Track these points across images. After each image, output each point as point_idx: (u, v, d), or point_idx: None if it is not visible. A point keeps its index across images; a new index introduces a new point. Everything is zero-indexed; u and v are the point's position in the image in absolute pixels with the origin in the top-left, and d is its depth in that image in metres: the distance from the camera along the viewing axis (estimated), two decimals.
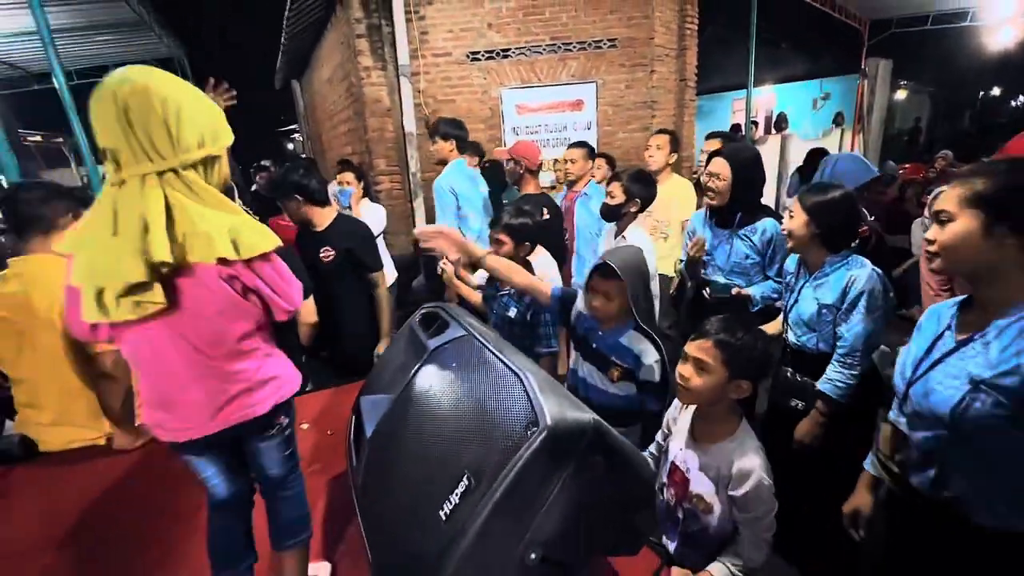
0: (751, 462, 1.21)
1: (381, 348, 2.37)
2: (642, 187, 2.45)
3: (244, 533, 0.98)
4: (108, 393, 1.55)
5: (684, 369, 1.29)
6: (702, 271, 2.23)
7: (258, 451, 0.95)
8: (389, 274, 3.04)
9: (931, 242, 1.07)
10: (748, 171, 2.08)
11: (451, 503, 0.78)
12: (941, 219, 1.04)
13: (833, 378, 1.63)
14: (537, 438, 0.75)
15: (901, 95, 15.09)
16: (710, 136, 3.27)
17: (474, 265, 2.09)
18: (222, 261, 0.79)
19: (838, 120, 9.35)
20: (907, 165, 8.14)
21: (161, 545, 1.25)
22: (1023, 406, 0.93)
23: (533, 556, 0.77)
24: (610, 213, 2.54)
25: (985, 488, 1.02)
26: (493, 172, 3.79)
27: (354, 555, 1.17)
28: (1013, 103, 22.71)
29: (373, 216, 3.15)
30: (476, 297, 2.33)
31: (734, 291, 2.09)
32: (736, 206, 2.10)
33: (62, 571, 1.19)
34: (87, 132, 3.21)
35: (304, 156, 10.76)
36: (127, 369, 1.56)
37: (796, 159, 7.15)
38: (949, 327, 1.11)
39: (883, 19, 9.24)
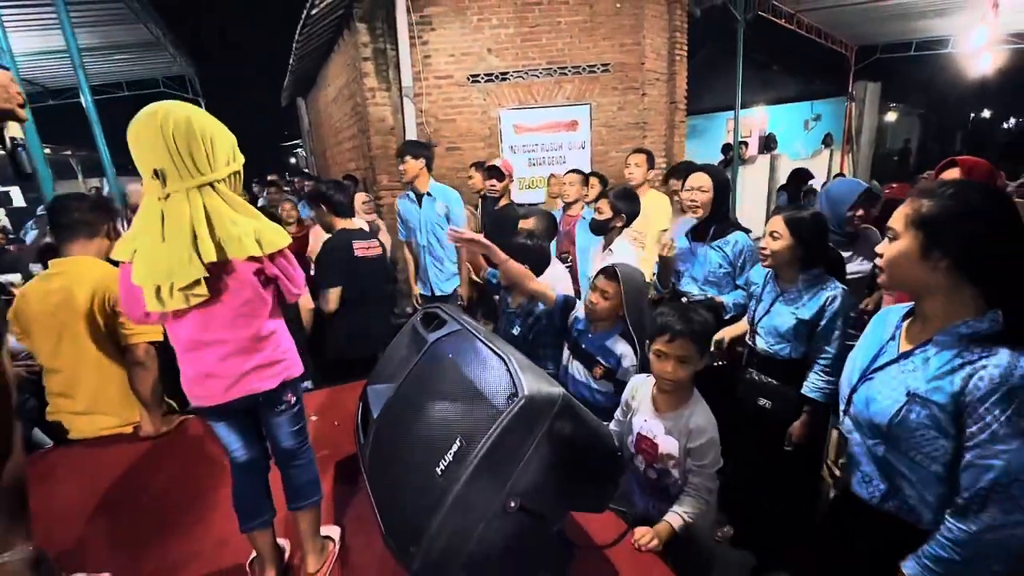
0: (704, 421, 1.47)
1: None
2: (627, 203, 2.66)
3: (262, 491, 1.14)
4: (139, 381, 1.71)
5: (668, 365, 1.47)
6: (675, 281, 2.42)
7: (272, 425, 1.11)
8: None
9: (880, 256, 1.10)
10: (724, 186, 2.33)
11: (446, 461, 0.95)
12: (889, 236, 1.07)
13: (822, 387, 1.79)
14: (516, 405, 0.92)
15: (891, 117, 15.48)
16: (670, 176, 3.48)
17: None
18: (251, 257, 0.97)
19: (827, 141, 9.66)
20: (893, 185, 8.41)
21: (185, 518, 1.40)
22: (948, 413, 0.98)
23: (513, 504, 0.93)
24: (599, 228, 2.75)
25: (928, 495, 1.05)
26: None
27: (361, 521, 1.33)
28: (1004, 124, 23.22)
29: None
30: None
31: (712, 299, 2.28)
32: (711, 220, 2.30)
33: (100, 538, 1.35)
34: (110, 146, 3.42)
35: (307, 171, 11.02)
36: (156, 358, 1.72)
37: (784, 177, 7.43)
38: (894, 336, 1.14)
39: (869, 45, 9.61)
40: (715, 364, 2.05)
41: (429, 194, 3.22)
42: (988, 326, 0.98)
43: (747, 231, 2.33)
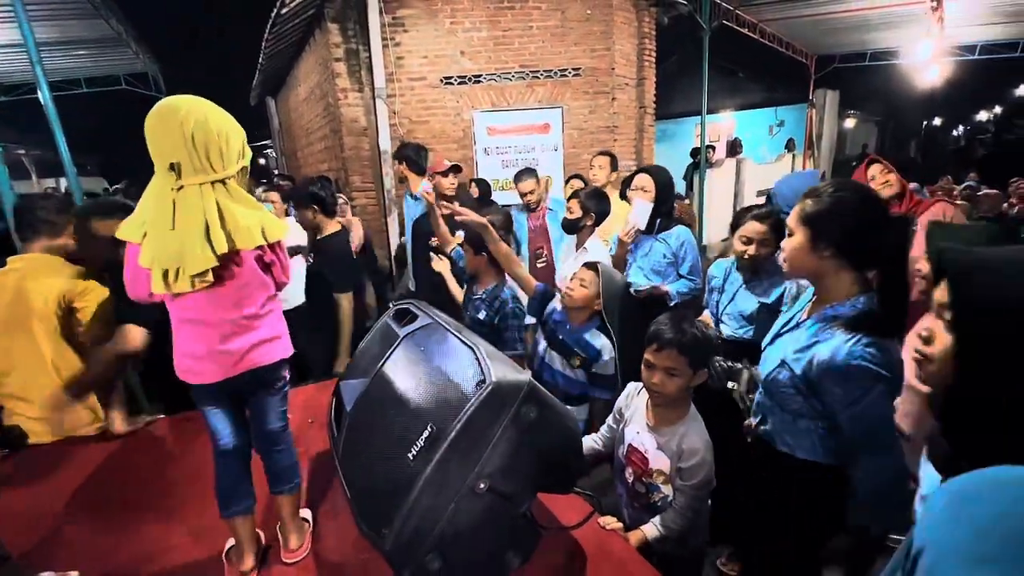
0: (698, 441, 1.43)
1: (338, 364, 2.48)
2: (596, 203, 2.77)
3: (244, 478, 1.16)
4: (105, 376, 1.69)
5: (656, 377, 1.43)
6: (626, 271, 2.59)
7: (263, 406, 1.15)
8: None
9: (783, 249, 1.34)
10: (666, 185, 2.53)
11: (417, 447, 0.99)
12: (787, 232, 1.27)
13: None
14: (484, 391, 0.97)
15: (850, 123, 16.12)
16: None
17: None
18: (257, 246, 1.04)
19: (790, 146, 10.04)
20: None
21: (157, 513, 1.39)
22: (803, 380, 1.24)
23: (482, 486, 0.98)
24: (570, 227, 2.86)
25: (794, 434, 1.33)
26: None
27: (334, 512, 1.36)
28: (954, 132, 24.55)
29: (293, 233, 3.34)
30: (459, 293, 2.60)
31: (658, 288, 2.43)
32: (656, 215, 2.48)
33: (69, 537, 1.33)
34: (70, 144, 3.33)
35: (277, 172, 10.83)
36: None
37: (750, 180, 7.71)
38: (801, 308, 1.37)
39: (827, 55, 10.05)
40: None
41: (416, 197, 3.29)
42: (848, 310, 1.19)
43: (688, 226, 2.58)
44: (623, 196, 3.41)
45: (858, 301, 1.19)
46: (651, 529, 1.41)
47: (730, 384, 2.04)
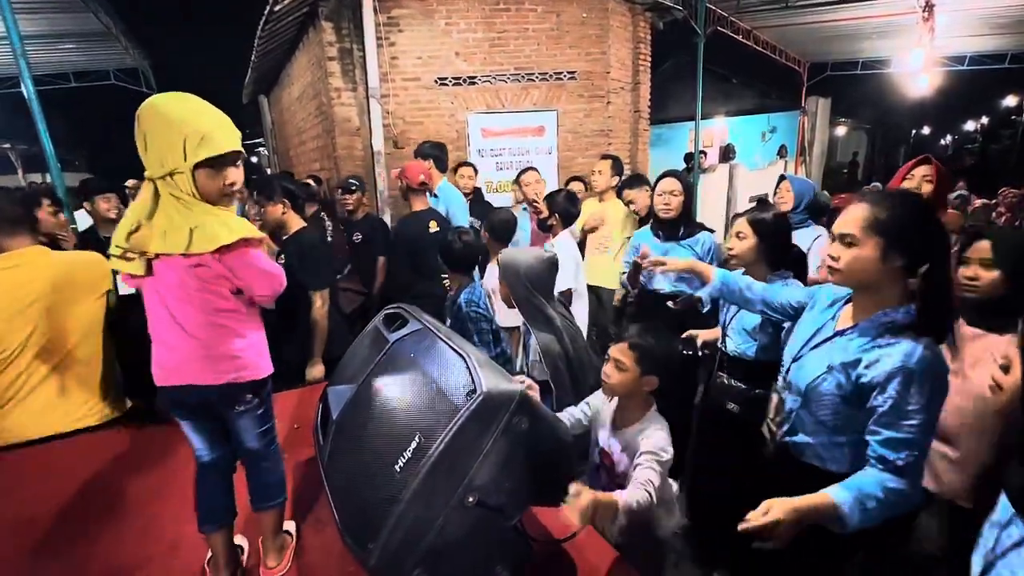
0: (655, 435, 1.44)
1: (312, 370, 2.27)
2: (563, 205, 2.76)
3: (225, 492, 1.13)
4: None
5: (606, 367, 1.51)
6: (645, 281, 2.55)
7: (236, 426, 1.11)
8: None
9: (833, 258, 1.21)
10: (691, 190, 2.57)
11: (404, 458, 0.96)
12: (846, 241, 1.17)
13: None
14: (475, 402, 0.94)
15: (840, 131, 16.31)
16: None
17: None
18: (184, 254, 0.98)
19: (781, 152, 10.12)
20: (842, 196, 8.89)
21: (135, 522, 1.35)
22: (854, 390, 1.20)
23: (471, 499, 0.95)
24: (540, 224, 2.89)
25: (828, 448, 1.30)
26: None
27: (319, 523, 1.33)
28: (942, 141, 24.91)
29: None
30: None
31: (691, 296, 2.37)
32: (681, 219, 2.49)
33: (44, 546, 1.28)
34: (57, 140, 3.26)
35: (269, 170, 10.74)
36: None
37: (742, 186, 7.73)
38: (833, 317, 1.34)
39: (820, 62, 10.15)
40: (684, 353, 2.11)
41: (435, 195, 3.36)
42: (902, 316, 1.17)
43: (712, 231, 2.56)
44: (619, 196, 3.44)
45: (910, 308, 1.16)
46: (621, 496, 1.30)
47: (729, 405, 2.01)
